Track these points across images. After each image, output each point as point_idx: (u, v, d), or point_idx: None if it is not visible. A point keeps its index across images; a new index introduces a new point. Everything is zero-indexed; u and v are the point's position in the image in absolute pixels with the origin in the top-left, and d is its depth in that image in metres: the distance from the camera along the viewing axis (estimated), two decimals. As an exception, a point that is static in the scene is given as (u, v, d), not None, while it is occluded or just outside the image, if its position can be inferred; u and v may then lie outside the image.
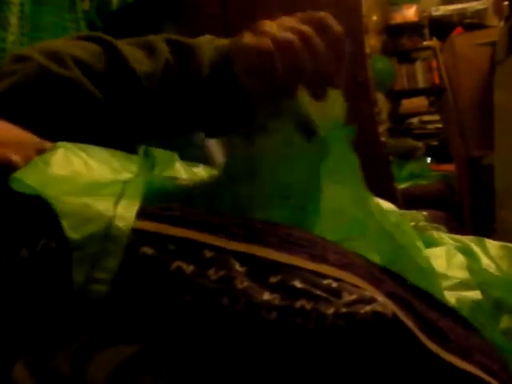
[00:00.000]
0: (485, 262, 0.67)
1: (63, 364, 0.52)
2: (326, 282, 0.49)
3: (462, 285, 0.61)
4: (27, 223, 0.52)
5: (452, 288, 0.60)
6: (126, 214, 0.52)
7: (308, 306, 0.47)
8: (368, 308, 0.46)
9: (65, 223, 0.50)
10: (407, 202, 2.86)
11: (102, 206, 0.52)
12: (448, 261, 0.64)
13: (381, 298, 0.48)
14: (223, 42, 0.91)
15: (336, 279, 0.49)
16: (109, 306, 0.51)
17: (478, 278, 0.63)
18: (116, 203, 0.52)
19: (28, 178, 0.53)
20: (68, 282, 0.50)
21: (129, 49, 0.86)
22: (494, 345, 0.56)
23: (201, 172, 0.71)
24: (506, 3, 2.75)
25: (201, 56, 0.88)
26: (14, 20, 1.62)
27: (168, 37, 0.90)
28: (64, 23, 1.79)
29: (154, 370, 0.50)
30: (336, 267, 0.50)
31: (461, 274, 0.62)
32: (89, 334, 0.51)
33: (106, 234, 0.50)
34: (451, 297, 0.59)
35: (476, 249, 0.69)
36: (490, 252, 0.69)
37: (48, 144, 0.62)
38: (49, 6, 1.74)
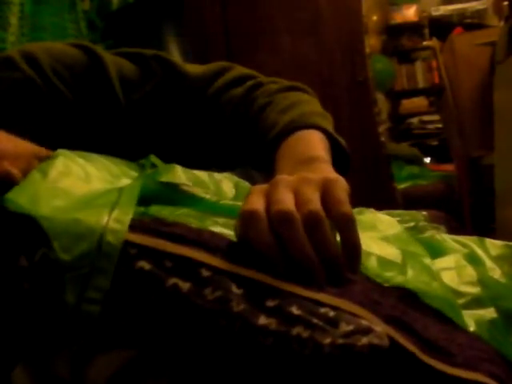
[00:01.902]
0: (489, 265, 0.67)
1: (63, 367, 0.51)
2: (323, 310, 0.49)
3: (476, 301, 0.60)
4: (26, 232, 0.52)
5: (466, 306, 0.60)
6: (117, 227, 0.51)
7: (305, 334, 0.47)
8: (365, 340, 0.46)
9: (56, 244, 0.50)
10: (407, 202, 2.86)
11: (94, 219, 0.51)
12: (459, 275, 0.63)
13: (378, 327, 0.48)
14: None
15: (333, 307, 0.49)
16: (107, 313, 0.51)
17: (488, 291, 0.62)
18: (109, 213, 0.52)
19: (20, 198, 0.53)
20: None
21: (113, 58, 0.87)
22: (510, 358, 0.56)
23: (203, 175, 0.71)
24: (506, 3, 2.75)
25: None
26: (13, 20, 1.62)
27: (158, 53, 0.89)
28: (64, 23, 1.79)
29: (154, 374, 0.50)
30: (332, 294, 0.50)
31: (473, 290, 0.62)
32: (89, 337, 0.51)
33: (98, 252, 0.50)
34: (469, 317, 0.58)
35: (479, 251, 0.69)
36: (491, 253, 0.69)
37: (47, 152, 0.63)
38: (49, 6, 1.74)
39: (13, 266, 0.51)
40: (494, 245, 0.70)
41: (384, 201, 2.36)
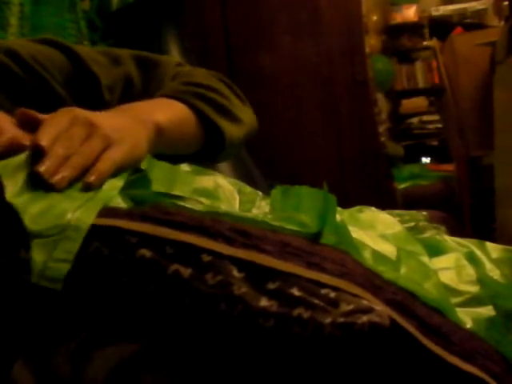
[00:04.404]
0: (488, 266, 0.67)
1: (62, 363, 0.52)
2: (324, 291, 0.49)
3: (474, 300, 0.61)
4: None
5: (464, 304, 0.60)
6: (87, 210, 0.53)
7: (305, 315, 0.47)
8: (365, 318, 0.47)
9: (25, 216, 0.51)
10: (407, 202, 2.86)
11: (66, 205, 0.53)
12: (458, 274, 0.64)
13: (379, 306, 0.48)
14: (186, 69, 0.96)
15: (334, 288, 0.49)
16: (108, 305, 0.51)
17: (488, 290, 0.62)
18: (81, 205, 0.53)
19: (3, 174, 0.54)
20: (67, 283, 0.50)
21: (92, 56, 0.87)
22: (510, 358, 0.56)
23: (208, 181, 0.70)
24: (506, 3, 2.75)
25: (164, 74, 0.91)
26: (13, 20, 1.62)
27: (135, 53, 0.92)
28: (64, 23, 1.79)
29: (154, 369, 0.50)
30: (334, 276, 0.50)
31: (472, 288, 0.62)
32: (88, 332, 0.51)
33: (66, 225, 0.51)
34: (466, 315, 0.58)
35: (479, 253, 0.69)
36: (491, 255, 0.69)
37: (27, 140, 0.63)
38: (49, 6, 1.74)
39: (13, 259, 0.51)
40: (495, 248, 0.70)
41: (384, 201, 2.36)
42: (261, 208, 0.71)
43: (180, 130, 0.82)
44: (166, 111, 0.82)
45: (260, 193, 0.75)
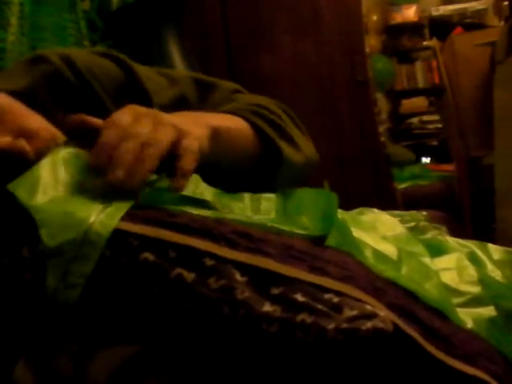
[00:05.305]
0: (490, 267, 0.67)
1: (65, 363, 0.52)
2: (327, 296, 0.49)
3: (475, 300, 0.61)
4: (29, 223, 0.52)
5: (465, 305, 0.60)
6: (107, 220, 0.52)
7: (309, 320, 0.47)
8: (369, 324, 0.47)
9: (43, 232, 0.50)
10: (407, 202, 2.86)
11: (85, 212, 0.52)
12: (459, 274, 0.64)
13: (382, 311, 0.48)
14: (246, 95, 0.96)
15: (337, 293, 0.49)
16: (110, 307, 0.51)
17: (489, 290, 0.62)
18: (102, 209, 0.53)
19: (19, 189, 0.53)
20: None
21: (148, 75, 0.87)
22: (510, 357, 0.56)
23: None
24: (506, 3, 2.75)
25: (221, 98, 0.91)
26: (14, 20, 1.62)
27: (193, 75, 0.92)
28: (64, 23, 1.79)
29: (156, 370, 0.50)
30: (337, 280, 0.50)
31: (473, 289, 0.62)
32: (91, 333, 0.51)
33: (84, 239, 0.50)
34: (467, 316, 0.58)
35: (480, 254, 0.69)
36: (493, 257, 0.69)
37: (63, 138, 0.63)
38: (49, 6, 1.74)
39: (15, 257, 0.51)
40: (496, 250, 0.70)
41: (384, 201, 2.36)
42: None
43: (236, 137, 0.81)
44: (223, 119, 0.81)
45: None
